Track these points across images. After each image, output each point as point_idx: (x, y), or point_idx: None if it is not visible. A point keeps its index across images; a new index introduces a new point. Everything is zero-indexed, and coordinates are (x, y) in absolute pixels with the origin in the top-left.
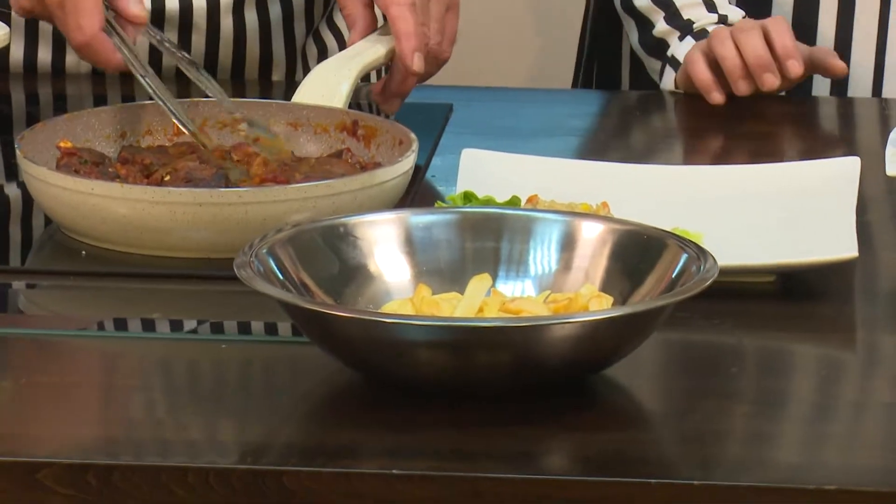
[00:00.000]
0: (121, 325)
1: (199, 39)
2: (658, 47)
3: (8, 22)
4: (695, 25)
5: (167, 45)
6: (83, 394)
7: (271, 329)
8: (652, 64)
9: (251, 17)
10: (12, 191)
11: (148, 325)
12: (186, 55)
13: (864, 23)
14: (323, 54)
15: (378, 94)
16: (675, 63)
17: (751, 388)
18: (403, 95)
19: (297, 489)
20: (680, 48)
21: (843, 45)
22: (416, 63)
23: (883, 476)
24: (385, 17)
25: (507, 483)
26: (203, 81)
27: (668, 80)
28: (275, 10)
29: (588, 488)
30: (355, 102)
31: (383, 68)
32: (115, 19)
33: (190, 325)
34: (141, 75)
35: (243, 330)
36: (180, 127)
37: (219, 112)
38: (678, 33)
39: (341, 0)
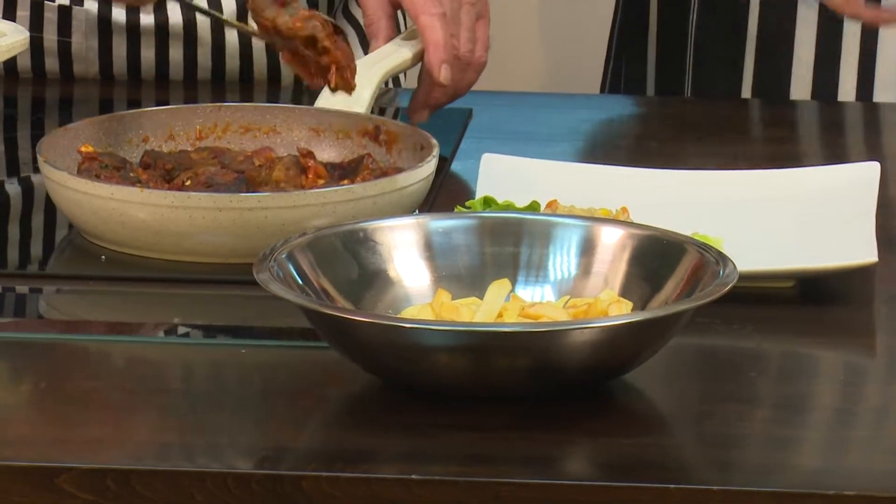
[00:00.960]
0: (140, 329)
1: (204, 53)
2: None
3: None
4: None
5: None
6: (102, 398)
7: (290, 334)
8: None
9: None
10: (34, 195)
11: (167, 329)
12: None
13: None
14: None
15: (410, 104)
16: None
17: (770, 392)
18: (431, 106)
19: (316, 494)
20: None
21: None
22: (443, 74)
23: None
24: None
25: (527, 488)
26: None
27: None
28: None
29: (607, 493)
30: (378, 107)
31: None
32: None
33: (209, 329)
34: None
35: (262, 335)
36: (223, 21)
37: (241, 117)
38: None
39: (367, 9)
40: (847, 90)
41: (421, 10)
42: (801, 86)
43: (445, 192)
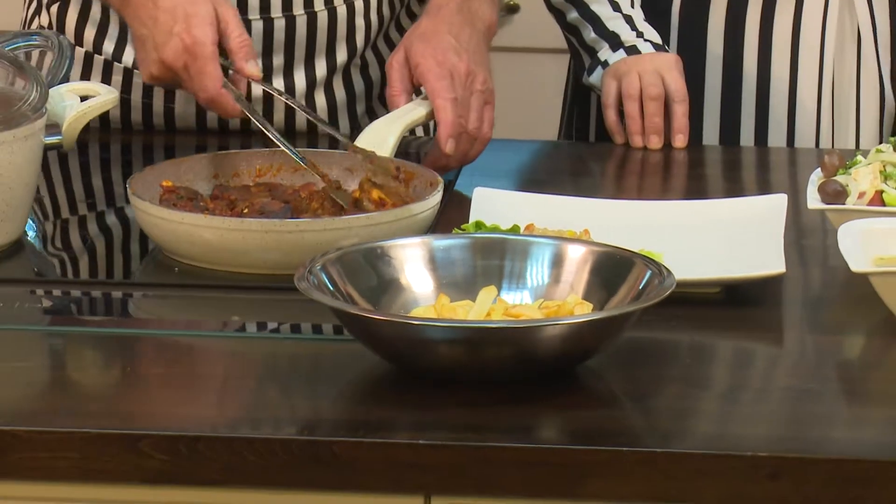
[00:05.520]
0: (205, 326)
1: (279, 119)
2: (593, 49)
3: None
4: (622, 38)
5: (282, 97)
6: (175, 380)
7: (323, 329)
8: (588, 60)
9: (321, 100)
10: (127, 221)
11: (226, 325)
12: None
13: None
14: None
15: (423, 162)
16: (606, 66)
17: (702, 375)
18: (440, 167)
19: (344, 455)
20: (613, 56)
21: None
22: (449, 147)
23: (798, 444)
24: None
25: (510, 451)
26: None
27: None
28: (340, 94)
29: (573, 455)
30: (400, 152)
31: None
32: (231, 77)
33: (260, 325)
34: (257, 120)
35: (301, 330)
36: (296, 159)
37: (291, 158)
38: (608, 44)
39: (392, 82)
40: (746, 136)
41: (437, 95)
42: (710, 130)
43: (446, 218)
